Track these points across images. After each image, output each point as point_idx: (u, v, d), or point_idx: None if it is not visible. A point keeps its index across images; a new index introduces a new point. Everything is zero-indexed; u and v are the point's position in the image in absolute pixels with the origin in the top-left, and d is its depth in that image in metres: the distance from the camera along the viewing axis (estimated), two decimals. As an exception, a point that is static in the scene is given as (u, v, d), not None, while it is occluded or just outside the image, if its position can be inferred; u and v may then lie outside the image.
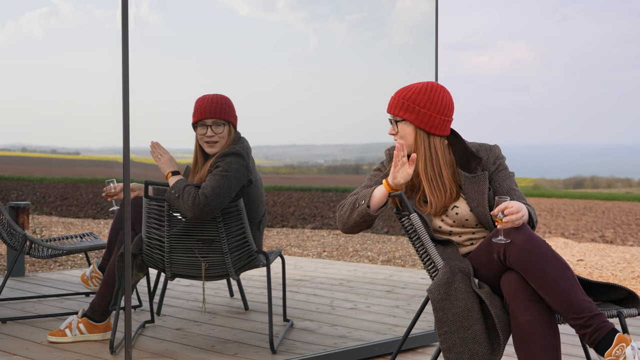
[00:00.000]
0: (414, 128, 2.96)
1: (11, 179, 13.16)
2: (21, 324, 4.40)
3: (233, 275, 3.87)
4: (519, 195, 2.97)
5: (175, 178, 3.70)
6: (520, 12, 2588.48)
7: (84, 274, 4.46)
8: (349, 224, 2.95)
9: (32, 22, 12.52)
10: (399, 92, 3.01)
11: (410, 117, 2.95)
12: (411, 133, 2.97)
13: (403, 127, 2.97)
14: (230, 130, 3.86)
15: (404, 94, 2.99)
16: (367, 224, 2.95)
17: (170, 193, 3.64)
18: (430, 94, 2.97)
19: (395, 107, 2.99)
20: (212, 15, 8.21)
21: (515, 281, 2.73)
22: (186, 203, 3.59)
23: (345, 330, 4.27)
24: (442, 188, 2.95)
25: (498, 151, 3.04)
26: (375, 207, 2.91)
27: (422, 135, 2.96)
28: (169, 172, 3.73)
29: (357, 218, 2.91)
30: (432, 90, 2.98)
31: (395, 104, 2.99)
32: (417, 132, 2.96)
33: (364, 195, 2.93)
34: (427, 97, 2.96)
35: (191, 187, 3.62)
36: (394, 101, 3.00)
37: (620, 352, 2.59)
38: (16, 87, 9.93)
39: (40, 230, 8.92)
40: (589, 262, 7.72)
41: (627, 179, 34.08)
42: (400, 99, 2.98)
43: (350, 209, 2.94)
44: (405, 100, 2.97)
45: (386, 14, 7.23)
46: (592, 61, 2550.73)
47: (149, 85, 4.78)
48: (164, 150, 3.79)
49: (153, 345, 3.94)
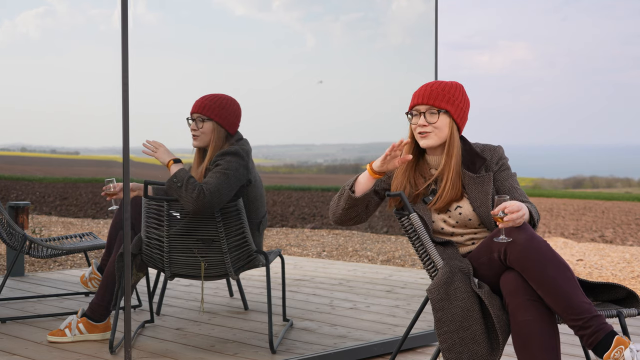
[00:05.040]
0: (450, 121, 2.97)
1: (11, 178, 13.15)
2: (21, 323, 4.40)
3: (232, 275, 3.87)
4: (521, 193, 2.97)
5: (178, 166, 3.71)
6: (521, 11, 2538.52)
7: (83, 276, 4.45)
8: (337, 212, 2.98)
9: (28, 22, 12.50)
10: (433, 85, 3.00)
11: (452, 110, 2.96)
12: (447, 125, 2.97)
13: (442, 118, 2.97)
14: (214, 127, 3.89)
15: (442, 86, 2.99)
16: (355, 211, 2.95)
17: (172, 181, 3.61)
18: (462, 92, 3.02)
19: (436, 98, 2.97)
20: (209, 15, 8.21)
21: (514, 281, 2.73)
22: (190, 195, 3.58)
23: (344, 330, 4.27)
24: (457, 185, 2.96)
25: (501, 152, 3.05)
26: (360, 192, 2.93)
27: (455, 130, 2.98)
28: (169, 160, 3.74)
29: (343, 204, 2.95)
30: (461, 89, 3.03)
31: (435, 95, 2.97)
32: (452, 125, 2.98)
33: (350, 182, 2.97)
34: (461, 94, 3.00)
35: (195, 180, 3.62)
36: (433, 92, 2.97)
37: (619, 355, 2.58)
38: (15, 86, 9.93)
39: (40, 230, 8.92)
40: (588, 261, 7.72)
41: (626, 179, 34.09)
42: (440, 91, 2.97)
43: (338, 197, 2.98)
44: (445, 93, 2.97)
45: (382, 14, 7.24)
46: (593, 60, 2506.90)
47: (148, 84, 4.78)
48: (157, 143, 3.82)
49: (153, 345, 3.94)
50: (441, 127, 2.97)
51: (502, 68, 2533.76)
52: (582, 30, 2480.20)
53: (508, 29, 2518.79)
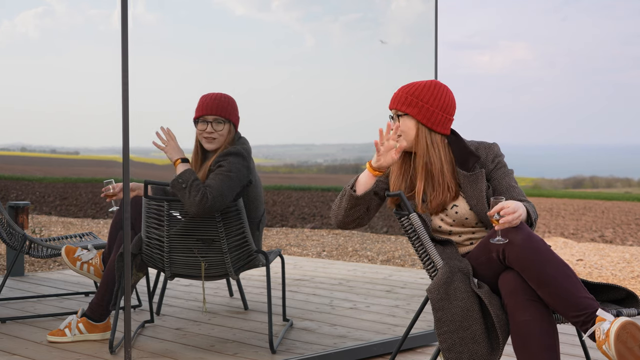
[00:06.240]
0: (416, 123, 2.98)
1: (10, 178, 13.15)
2: (21, 323, 4.40)
3: (233, 275, 3.87)
4: (518, 192, 2.97)
5: (184, 166, 3.69)
6: (521, 11, 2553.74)
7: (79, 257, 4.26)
8: (340, 214, 2.99)
9: (27, 22, 12.51)
10: (403, 88, 3.03)
11: (413, 112, 2.97)
12: (412, 128, 2.98)
13: (405, 122, 2.98)
14: (230, 129, 3.88)
15: (408, 89, 3.01)
16: (357, 212, 2.96)
17: (177, 182, 3.59)
18: (434, 91, 2.99)
19: (398, 102, 3.00)
20: (208, 15, 8.21)
21: (513, 280, 2.72)
22: (193, 199, 3.57)
23: (344, 330, 4.27)
24: (441, 185, 2.95)
25: (497, 149, 3.04)
26: (361, 191, 2.94)
27: (424, 131, 2.98)
28: (177, 159, 3.72)
29: (345, 204, 2.96)
30: (436, 87, 3.00)
31: (398, 99, 3.01)
32: (419, 127, 2.98)
33: (350, 182, 2.99)
34: (430, 93, 2.98)
35: (199, 183, 3.60)
36: (397, 96, 3.02)
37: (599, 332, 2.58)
38: (15, 86, 9.92)
39: (40, 230, 8.92)
40: (588, 261, 7.72)
41: (626, 179, 34.08)
42: (403, 94, 3.00)
43: (340, 198, 2.99)
44: (408, 96, 2.98)
45: (381, 14, 7.24)
46: (593, 60, 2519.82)
47: (147, 84, 4.78)
48: (171, 135, 3.76)
49: (153, 345, 3.94)
50: (406, 131, 2.99)
51: (502, 68, 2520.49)
52: (582, 30, 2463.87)
53: (508, 29, 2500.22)
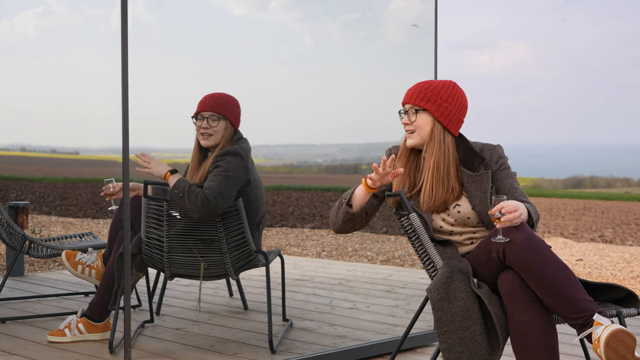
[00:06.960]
0: (432, 120, 2.98)
1: (10, 178, 13.15)
2: (21, 323, 4.40)
3: (232, 275, 3.87)
4: (520, 193, 2.97)
5: (176, 177, 3.69)
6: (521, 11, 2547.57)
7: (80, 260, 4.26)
8: (337, 224, 3.03)
9: (26, 22, 12.53)
10: (421, 84, 3.02)
11: (432, 108, 2.97)
12: (428, 124, 2.98)
13: (422, 117, 2.98)
14: (227, 126, 3.89)
15: (427, 85, 3.01)
16: (354, 223, 2.99)
17: (173, 193, 3.62)
18: (452, 91, 3.00)
19: (416, 97, 2.99)
20: (207, 15, 8.22)
21: (512, 280, 2.73)
22: (194, 204, 3.58)
23: (344, 330, 4.27)
24: (446, 184, 2.96)
25: (501, 151, 3.05)
26: (357, 207, 2.96)
27: (439, 129, 2.98)
28: (166, 172, 3.72)
29: (342, 217, 2.99)
30: (455, 88, 3.02)
31: (416, 94, 3.00)
32: (435, 124, 2.98)
33: (347, 195, 3.00)
34: (449, 92, 2.99)
35: (196, 187, 3.61)
36: (416, 91, 3.01)
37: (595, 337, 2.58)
38: (15, 86, 9.93)
39: (40, 230, 8.92)
40: (588, 261, 7.72)
41: (626, 179, 34.07)
42: (422, 90, 2.99)
43: (337, 209, 3.01)
44: (428, 92, 2.98)
45: (380, 14, 7.25)
46: (593, 60, 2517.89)
47: (147, 84, 4.78)
48: (147, 156, 3.78)
49: (152, 345, 3.94)
50: (421, 126, 2.98)
51: (502, 68, 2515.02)
52: (582, 30, 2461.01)
53: (508, 29, 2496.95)
